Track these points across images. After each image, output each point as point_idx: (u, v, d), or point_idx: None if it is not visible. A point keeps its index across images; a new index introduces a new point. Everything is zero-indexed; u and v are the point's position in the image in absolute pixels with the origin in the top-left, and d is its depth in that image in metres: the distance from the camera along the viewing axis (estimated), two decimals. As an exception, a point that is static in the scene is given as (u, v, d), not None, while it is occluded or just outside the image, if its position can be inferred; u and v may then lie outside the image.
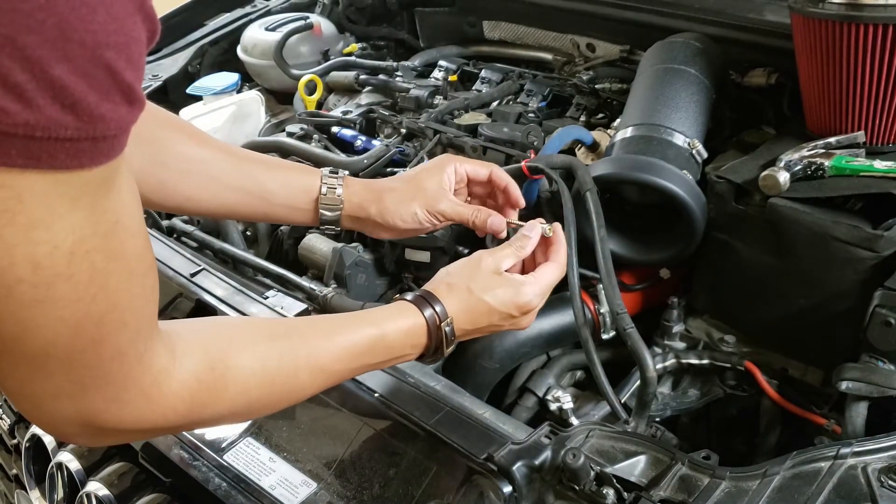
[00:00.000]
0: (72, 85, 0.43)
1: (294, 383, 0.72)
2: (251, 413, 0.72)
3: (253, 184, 0.97)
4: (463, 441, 0.82)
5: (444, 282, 0.88)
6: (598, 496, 0.73)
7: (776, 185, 0.99)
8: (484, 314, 0.87)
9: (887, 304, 0.90)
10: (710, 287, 1.14)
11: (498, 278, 0.88)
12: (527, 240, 0.93)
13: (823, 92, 1.05)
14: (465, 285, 0.86)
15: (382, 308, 0.84)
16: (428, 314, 0.82)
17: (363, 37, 1.93)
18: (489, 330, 0.89)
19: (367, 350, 0.78)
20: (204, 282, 1.13)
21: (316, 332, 0.76)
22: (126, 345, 0.55)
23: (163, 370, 0.59)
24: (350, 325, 0.78)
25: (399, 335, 0.81)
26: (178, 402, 0.60)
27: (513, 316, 0.88)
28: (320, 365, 0.74)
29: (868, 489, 0.70)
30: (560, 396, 1.06)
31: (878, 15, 0.95)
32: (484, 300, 0.86)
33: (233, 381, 0.65)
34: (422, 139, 1.40)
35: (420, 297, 0.84)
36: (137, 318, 0.55)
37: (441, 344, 0.84)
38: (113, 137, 0.47)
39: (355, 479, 0.85)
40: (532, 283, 0.89)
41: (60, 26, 0.42)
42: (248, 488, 0.87)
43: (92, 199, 0.48)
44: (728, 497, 0.73)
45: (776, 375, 1.07)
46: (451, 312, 0.84)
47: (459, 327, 0.85)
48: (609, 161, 1.11)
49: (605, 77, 1.47)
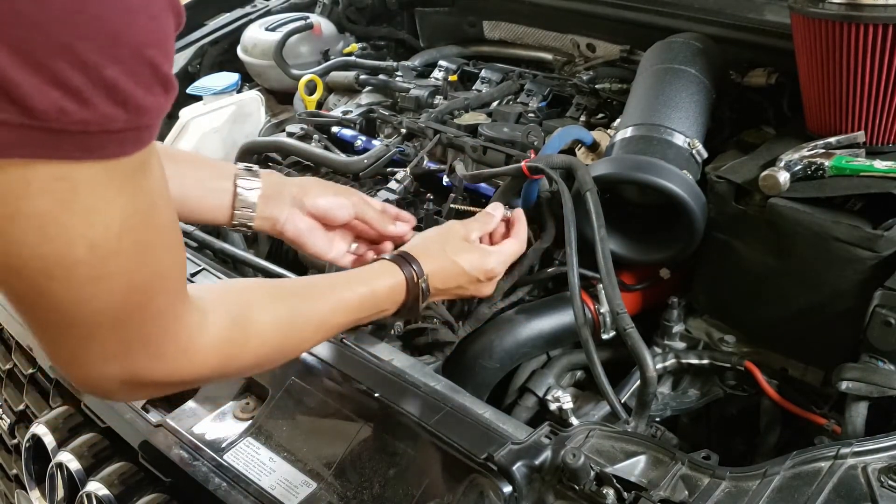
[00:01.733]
0: (122, 83, 0.47)
1: (302, 335, 0.80)
2: (270, 363, 0.79)
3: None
4: (463, 441, 0.82)
5: (420, 244, 0.96)
6: (598, 496, 0.73)
7: (776, 185, 0.99)
8: (455, 275, 0.95)
9: (887, 304, 0.90)
10: (710, 287, 1.14)
11: (468, 244, 0.98)
12: (491, 217, 1.04)
13: (823, 92, 1.05)
14: (439, 248, 0.95)
15: (368, 268, 0.90)
16: (407, 272, 0.90)
17: (363, 37, 1.93)
18: (456, 293, 0.98)
19: (360, 305, 0.86)
20: (204, 282, 1.13)
21: (318, 291, 0.83)
22: (166, 306, 0.60)
23: (197, 327, 0.65)
24: (346, 284, 0.86)
25: (384, 291, 0.88)
26: (210, 355, 0.66)
27: (479, 280, 0.97)
28: (323, 319, 0.81)
29: (868, 489, 0.70)
30: (560, 396, 1.06)
31: (878, 15, 0.95)
32: (457, 262, 0.95)
33: (254, 335, 0.72)
34: (422, 139, 1.40)
35: (399, 257, 0.91)
36: (174, 282, 0.61)
37: (416, 300, 0.90)
38: (153, 125, 0.52)
39: (355, 479, 0.85)
40: (496, 253, 1.00)
41: (111, 32, 0.46)
42: (248, 488, 0.87)
43: (133, 181, 0.53)
44: (728, 497, 0.73)
45: (776, 375, 1.07)
46: (427, 271, 0.91)
47: (433, 286, 0.93)
48: (609, 161, 1.11)
49: (605, 77, 1.47)
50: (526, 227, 1.06)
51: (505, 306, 1.15)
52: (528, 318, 1.12)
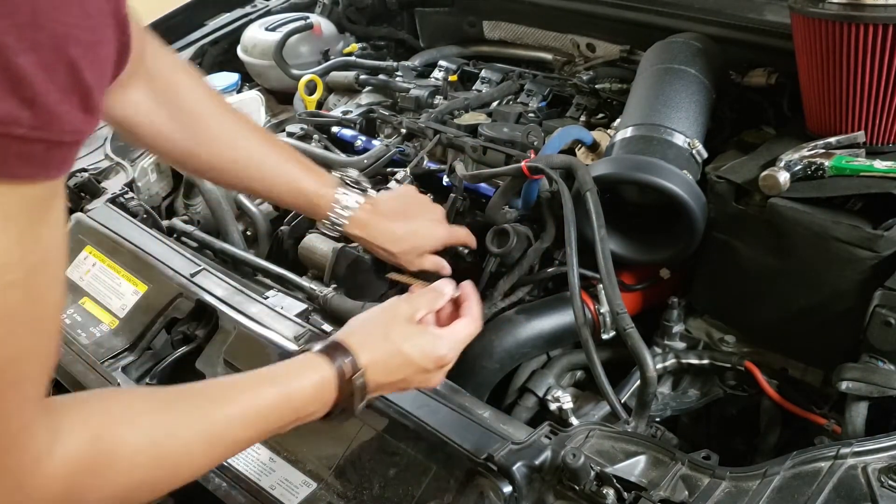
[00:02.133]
0: (33, 77, 0.39)
1: (187, 459, 0.65)
2: (140, 496, 0.62)
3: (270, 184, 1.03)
4: (463, 441, 0.83)
5: (358, 329, 0.82)
6: (598, 496, 0.73)
7: (776, 185, 0.99)
8: (400, 366, 0.81)
9: (887, 304, 0.90)
10: (710, 287, 1.14)
11: (416, 327, 0.84)
12: (440, 294, 0.91)
13: (823, 92, 1.05)
14: (381, 334, 0.81)
15: (287, 363, 0.76)
16: (338, 367, 0.75)
17: (363, 37, 1.93)
18: (399, 386, 0.83)
19: (272, 413, 0.70)
20: (204, 282, 1.13)
21: (211, 399, 0.68)
22: (14, 408, 0.47)
23: (40, 452, 0.51)
24: (250, 387, 0.71)
25: (305, 393, 0.73)
26: (54, 487, 0.52)
27: (427, 370, 0.83)
28: (216, 435, 0.66)
29: (868, 489, 0.70)
30: (560, 396, 1.06)
31: (878, 15, 0.95)
32: (402, 350, 0.81)
33: (118, 460, 0.57)
34: (422, 139, 1.40)
35: (330, 348, 0.77)
36: (34, 379, 0.49)
37: (351, 399, 0.76)
38: (67, 146, 0.43)
39: (355, 479, 0.85)
40: (448, 338, 0.85)
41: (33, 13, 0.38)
42: (248, 488, 0.87)
43: (28, 221, 0.43)
44: (728, 497, 0.73)
45: (776, 375, 1.07)
46: (365, 363, 0.77)
47: (373, 380, 0.78)
48: (609, 161, 1.11)
49: (605, 77, 1.47)
50: (478, 303, 0.92)
51: (505, 306, 1.15)
52: (528, 318, 1.12)
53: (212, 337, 1.07)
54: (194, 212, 1.49)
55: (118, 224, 1.27)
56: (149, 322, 1.12)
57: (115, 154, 1.50)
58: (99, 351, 1.10)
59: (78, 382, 1.06)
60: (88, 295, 1.19)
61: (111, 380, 1.04)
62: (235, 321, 1.05)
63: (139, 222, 1.29)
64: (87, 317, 1.16)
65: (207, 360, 1.04)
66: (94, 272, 1.22)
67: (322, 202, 1.04)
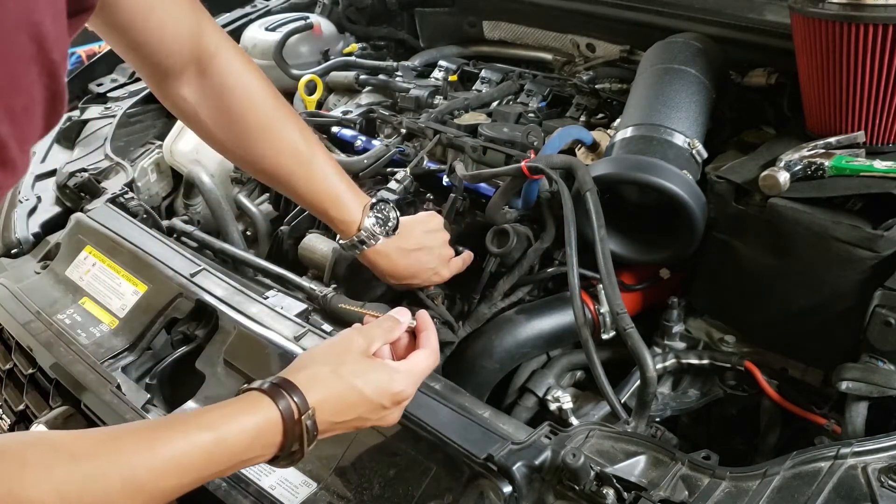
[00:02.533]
0: None
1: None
2: None
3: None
4: (463, 441, 0.82)
5: (306, 365, 0.77)
6: (598, 496, 0.73)
7: (776, 185, 0.99)
8: (353, 404, 0.76)
9: (887, 304, 0.90)
10: (711, 287, 1.13)
11: (370, 362, 0.79)
12: (395, 323, 0.86)
13: (823, 92, 1.05)
14: (331, 370, 0.76)
15: (224, 404, 0.70)
16: (284, 406, 0.70)
17: (363, 37, 1.93)
18: (353, 425, 0.78)
19: (203, 460, 0.65)
20: (204, 282, 1.13)
21: (133, 445, 0.62)
22: None
23: None
24: (178, 432, 0.64)
25: (244, 437, 0.67)
26: None
27: (384, 407, 0.78)
28: (139, 486, 0.61)
29: (868, 489, 0.70)
30: (560, 396, 1.06)
31: (878, 15, 0.95)
32: (355, 386, 0.76)
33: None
34: (422, 139, 1.40)
35: (274, 386, 0.72)
36: None
37: (300, 441, 0.71)
38: None
39: (355, 479, 0.85)
40: (406, 372, 0.80)
41: None
42: (248, 488, 0.87)
43: None
44: (728, 497, 0.73)
45: (776, 375, 1.07)
46: (314, 402, 0.72)
47: (324, 420, 0.73)
48: (609, 161, 1.11)
49: (605, 77, 1.47)
50: (436, 333, 0.88)
51: (505, 306, 1.15)
52: (528, 318, 1.12)
53: (212, 337, 1.07)
54: (194, 212, 1.49)
55: (118, 224, 1.27)
56: (149, 322, 1.12)
57: (115, 154, 1.50)
58: (99, 351, 1.10)
59: (78, 383, 1.06)
60: (88, 295, 1.19)
61: (111, 380, 1.04)
62: (235, 321, 1.05)
63: (139, 222, 1.29)
64: (87, 317, 1.16)
65: (207, 360, 1.04)
66: (94, 272, 1.22)
67: (350, 227, 1.07)
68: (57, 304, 1.20)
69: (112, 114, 1.66)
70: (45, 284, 1.24)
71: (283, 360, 0.97)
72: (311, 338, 1.00)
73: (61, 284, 1.23)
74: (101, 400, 1.02)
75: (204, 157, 1.53)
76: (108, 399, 1.02)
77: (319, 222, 1.34)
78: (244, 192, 1.54)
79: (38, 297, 1.21)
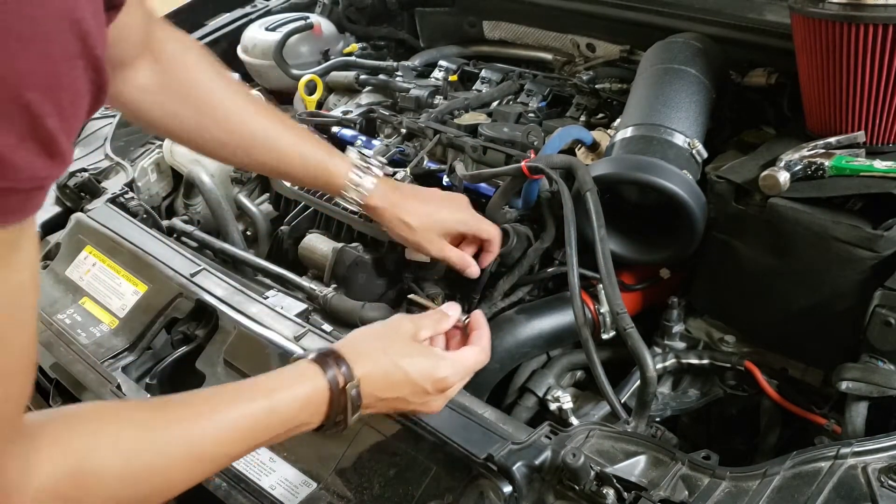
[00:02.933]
0: None
1: (166, 479, 0.62)
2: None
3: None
4: (463, 441, 0.82)
5: (355, 341, 0.80)
6: (599, 496, 0.73)
7: (776, 185, 0.99)
8: (397, 383, 0.78)
9: (887, 304, 0.90)
10: (710, 287, 1.13)
11: (417, 346, 0.82)
12: (445, 316, 0.89)
13: (823, 92, 1.05)
14: (380, 347, 0.79)
15: (277, 373, 0.73)
16: (331, 376, 0.73)
17: (363, 37, 1.93)
18: (395, 405, 0.81)
19: (258, 427, 0.68)
20: (204, 282, 1.13)
21: (192, 414, 0.65)
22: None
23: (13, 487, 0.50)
24: (236, 401, 0.68)
25: (295, 404, 0.71)
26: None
27: (427, 392, 0.80)
28: (199, 452, 0.64)
29: (868, 489, 0.70)
30: (560, 396, 1.06)
31: (878, 15, 0.95)
32: (400, 366, 0.78)
33: (95, 485, 0.56)
34: (422, 139, 1.40)
35: (323, 356, 0.75)
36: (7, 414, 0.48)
37: (345, 412, 0.74)
38: (25, 192, 0.41)
39: (355, 479, 0.85)
40: (452, 361, 0.83)
41: None
42: (248, 488, 0.87)
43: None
44: (728, 497, 0.73)
45: (776, 375, 1.07)
46: (360, 375, 0.75)
47: (368, 393, 0.76)
48: (609, 161, 1.11)
49: (605, 77, 1.47)
50: (488, 334, 0.90)
51: (505, 306, 1.15)
52: (528, 318, 1.12)
53: (212, 337, 1.07)
54: (194, 212, 1.49)
55: (118, 224, 1.27)
56: (149, 322, 1.12)
57: (115, 154, 1.50)
58: (99, 351, 1.10)
59: (78, 382, 1.06)
60: (88, 295, 1.20)
61: (111, 380, 1.04)
62: (235, 321, 1.05)
63: (139, 222, 1.29)
64: (87, 317, 1.16)
65: (207, 360, 1.04)
66: (94, 272, 1.22)
67: (341, 174, 1.03)
68: (57, 303, 1.20)
69: (112, 113, 1.65)
70: (45, 284, 1.24)
71: (284, 360, 0.97)
72: (311, 338, 1.00)
73: (61, 284, 1.23)
74: (102, 400, 1.02)
75: (204, 157, 1.53)
76: (108, 399, 1.02)
77: (319, 222, 1.34)
78: (244, 192, 1.54)
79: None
